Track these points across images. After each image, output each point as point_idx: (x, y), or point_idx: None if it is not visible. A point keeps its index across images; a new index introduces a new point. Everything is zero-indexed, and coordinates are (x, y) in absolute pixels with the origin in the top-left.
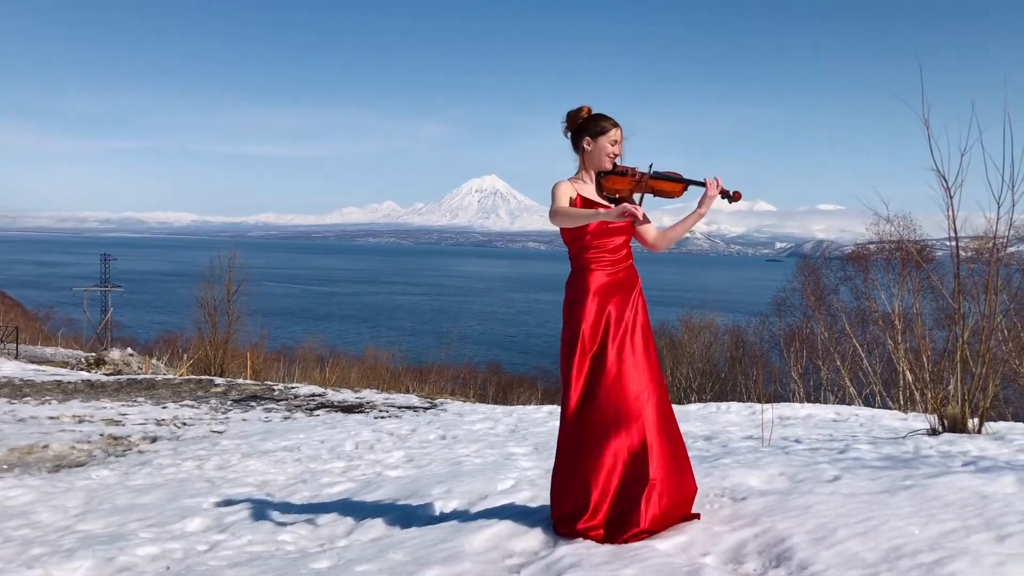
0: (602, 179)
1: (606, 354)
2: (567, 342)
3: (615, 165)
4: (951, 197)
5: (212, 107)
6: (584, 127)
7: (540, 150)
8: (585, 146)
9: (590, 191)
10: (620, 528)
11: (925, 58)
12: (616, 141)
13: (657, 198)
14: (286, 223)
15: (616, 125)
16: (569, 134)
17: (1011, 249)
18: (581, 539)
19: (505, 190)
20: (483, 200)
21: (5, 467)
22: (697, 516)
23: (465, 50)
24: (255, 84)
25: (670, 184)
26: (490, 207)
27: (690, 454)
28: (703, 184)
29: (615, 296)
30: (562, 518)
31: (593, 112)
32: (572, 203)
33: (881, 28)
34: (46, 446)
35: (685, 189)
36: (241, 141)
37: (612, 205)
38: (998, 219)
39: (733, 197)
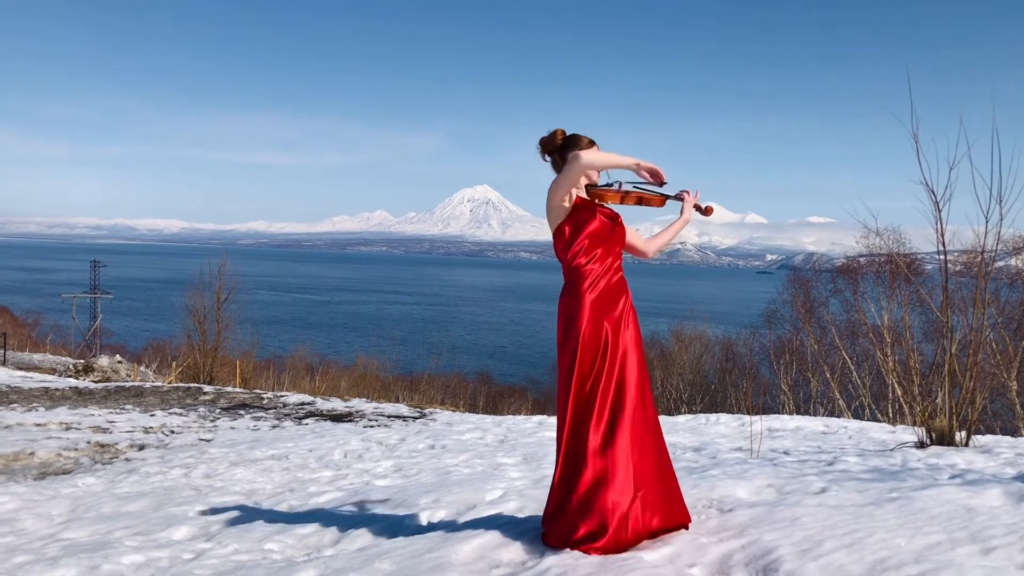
0: (589, 191)
1: (604, 374)
2: (565, 362)
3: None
4: (939, 211)
5: (204, 114)
6: (569, 144)
7: (532, 161)
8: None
9: (582, 195)
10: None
11: (913, 69)
12: None
13: (641, 207)
14: (277, 231)
15: (594, 143)
16: (549, 156)
17: (999, 263)
18: (569, 550)
19: (497, 200)
20: (475, 210)
21: None
22: (685, 527)
23: (458, 60)
24: (247, 92)
25: (652, 195)
26: (482, 217)
27: (678, 465)
28: (680, 198)
29: (610, 310)
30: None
31: (573, 133)
32: (572, 200)
33: (871, 41)
34: (32, 453)
35: (664, 202)
36: (233, 148)
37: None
38: (986, 233)
39: (706, 211)
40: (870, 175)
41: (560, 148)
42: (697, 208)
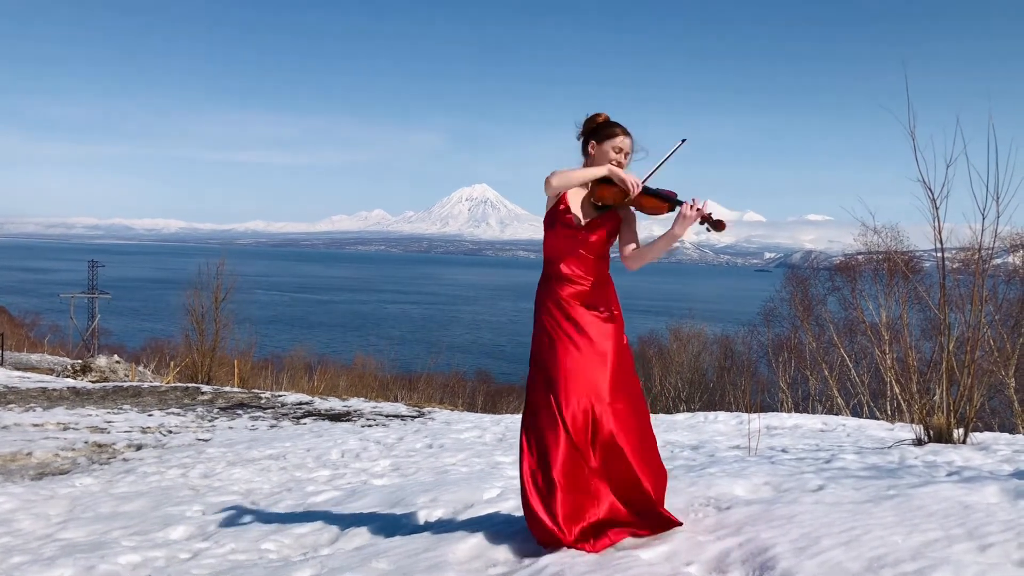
0: (597, 186)
1: (569, 371)
2: (533, 356)
3: None
4: (937, 208)
5: (202, 114)
6: (593, 132)
7: (530, 159)
8: (590, 150)
9: (577, 196)
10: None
11: (911, 65)
12: (621, 149)
13: (644, 213)
14: (275, 230)
15: (626, 134)
16: (580, 139)
17: (996, 260)
18: (566, 548)
19: (495, 199)
20: (473, 209)
21: None
22: (678, 523)
23: (456, 58)
24: (245, 91)
25: (657, 201)
26: (480, 216)
27: (676, 463)
28: (679, 204)
29: (562, 317)
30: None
31: (609, 120)
32: (560, 199)
33: (869, 37)
34: (30, 453)
35: (671, 208)
36: (231, 148)
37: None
38: (983, 230)
39: (716, 226)
40: (868, 173)
41: (590, 133)
42: (706, 220)
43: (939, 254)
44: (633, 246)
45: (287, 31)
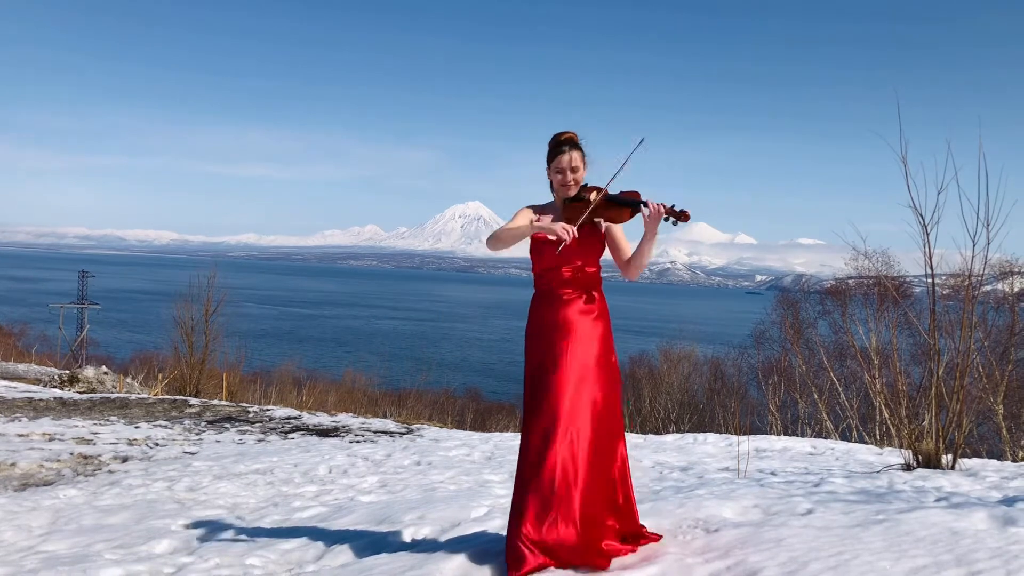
0: (565, 206)
1: (558, 390)
2: (526, 375)
3: (580, 190)
4: (928, 234)
5: (196, 126)
6: (548, 156)
7: (524, 177)
8: (548, 176)
9: (548, 221)
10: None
11: (904, 88)
12: (562, 169)
13: (612, 223)
14: (267, 244)
15: (571, 150)
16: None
17: (986, 287)
18: (554, 567)
19: (488, 216)
20: (466, 226)
21: None
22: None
23: (450, 76)
24: (240, 104)
25: (617, 209)
26: (473, 233)
27: (665, 484)
28: (646, 205)
29: (569, 328)
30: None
31: (556, 139)
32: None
33: (864, 61)
34: (13, 464)
35: (633, 213)
36: (224, 161)
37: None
38: (973, 257)
39: (681, 217)
40: (860, 197)
41: (547, 158)
42: (671, 214)
43: (929, 280)
44: (627, 256)
45: (283, 44)
